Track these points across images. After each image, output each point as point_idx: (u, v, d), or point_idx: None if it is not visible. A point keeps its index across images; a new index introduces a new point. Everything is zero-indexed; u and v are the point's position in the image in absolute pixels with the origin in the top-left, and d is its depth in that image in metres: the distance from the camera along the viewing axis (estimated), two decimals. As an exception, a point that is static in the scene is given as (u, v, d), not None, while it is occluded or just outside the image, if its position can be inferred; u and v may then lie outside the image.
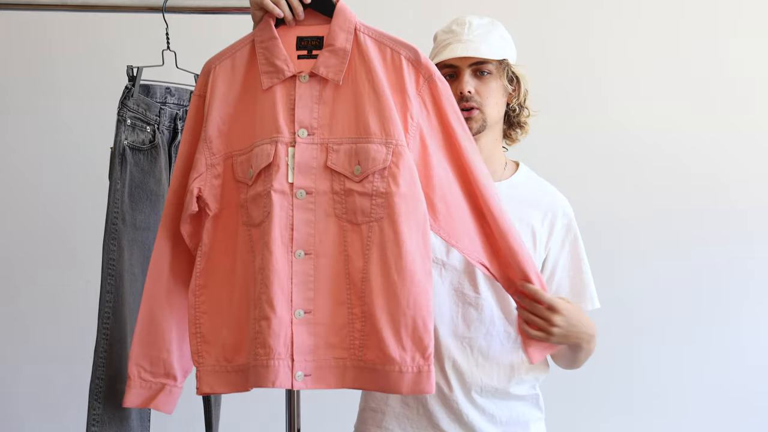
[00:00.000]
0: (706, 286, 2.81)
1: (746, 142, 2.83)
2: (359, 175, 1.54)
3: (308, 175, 1.55)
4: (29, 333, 2.72)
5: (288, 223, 1.54)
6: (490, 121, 1.76)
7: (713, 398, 2.83)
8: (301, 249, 1.54)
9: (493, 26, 1.79)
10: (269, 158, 1.54)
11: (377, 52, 1.58)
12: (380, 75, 1.56)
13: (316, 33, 1.59)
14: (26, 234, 2.74)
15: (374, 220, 1.53)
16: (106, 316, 1.77)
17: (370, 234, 1.54)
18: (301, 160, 1.55)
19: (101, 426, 1.76)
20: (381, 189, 1.53)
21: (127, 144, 1.83)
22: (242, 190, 1.59)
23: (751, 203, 2.83)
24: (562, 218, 1.81)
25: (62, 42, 2.72)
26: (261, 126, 1.58)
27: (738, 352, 2.83)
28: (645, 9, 2.83)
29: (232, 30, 2.67)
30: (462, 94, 1.73)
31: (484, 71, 1.75)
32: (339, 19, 1.58)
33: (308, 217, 1.55)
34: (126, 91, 1.84)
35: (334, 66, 1.57)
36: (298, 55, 1.59)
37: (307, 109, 1.57)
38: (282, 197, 1.54)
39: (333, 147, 1.56)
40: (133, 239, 1.85)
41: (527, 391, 1.81)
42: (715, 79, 2.82)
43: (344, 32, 1.57)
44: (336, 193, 1.55)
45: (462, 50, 1.72)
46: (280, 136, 1.55)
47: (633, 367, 2.81)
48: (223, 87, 1.60)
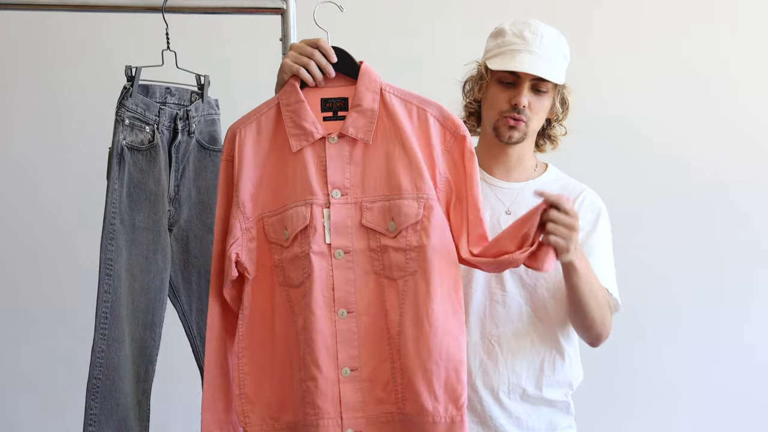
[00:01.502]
0: (708, 284, 2.82)
1: (748, 141, 2.84)
2: (393, 231, 1.58)
3: (345, 235, 1.59)
4: (29, 333, 2.72)
5: (329, 283, 1.58)
6: (530, 134, 1.80)
7: (717, 397, 2.84)
8: (343, 308, 1.59)
9: (560, 43, 1.79)
10: (306, 221, 1.58)
11: (404, 110, 1.61)
12: (408, 132, 1.60)
13: (340, 94, 1.63)
14: (26, 234, 2.74)
15: (409, 274, 1.57)
16: (103, 315, 1.77)
17: (405, 288, 1.58)
18: (336, 221, 1.59)
19: (98, 426, 1.76)
20: (414, 243, 1.57)
21: (125, 144, 1.83)
22: (276, 251, 1.62)
23: (755, 202, 2.84)
24: (585, 208, 1.81)
25: (62, 42, 2.72)
26: (293, 188, 1.61)
27: (742, 350, 2.84)
28: (645, 9, 2.84)
29: (232, 30, 2.69)
30: (516, 106, 1.74)
31: (541, 89, 1.76)
32: (365, 80, 1.61)
33: (348, 276, 1.59)
34: (124, 91, 1.84)
35: (363, 126, 1.60)
36: (324, 117, 1.62)
37: (339, 169, 1.60)
38: (321, 258, 1.58)
39: (367, 205, 1.60)
40: (132, 239, 1.84)
41: (558, 397, 1.80)
42: (716, 78, 2.83)
43: (371, 92, 1.61)
44: (373, 251, 1.60)
45: (531, 66, 1.72)
46: (315, 197, 1.59)
47: (634, 366, 2.81)
48: (251, 150, 1.63)
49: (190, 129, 1.95)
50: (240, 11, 1.95)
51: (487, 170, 1.84)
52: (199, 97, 1.98)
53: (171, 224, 1.95)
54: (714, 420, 2.84)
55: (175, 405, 2.67)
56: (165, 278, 1.91)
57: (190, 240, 1.99)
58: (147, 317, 1.88)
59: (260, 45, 2.29)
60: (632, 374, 2.81)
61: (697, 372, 2.84)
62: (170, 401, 2.65)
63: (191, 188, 1.99)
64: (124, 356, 1.82)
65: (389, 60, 2.33)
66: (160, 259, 1.89)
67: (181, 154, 1.95)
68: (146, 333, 1.89)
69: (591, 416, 2.24)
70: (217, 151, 2.02)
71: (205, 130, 2.01)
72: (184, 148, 1.95)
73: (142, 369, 1.89)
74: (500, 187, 1.83)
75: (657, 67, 2.82)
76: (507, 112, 1.77)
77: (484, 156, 1.84)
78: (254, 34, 2.40)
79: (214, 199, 2.01)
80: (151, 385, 1.91)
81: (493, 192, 1.82)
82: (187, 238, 1.98)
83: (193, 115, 1.96)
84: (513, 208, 1.81)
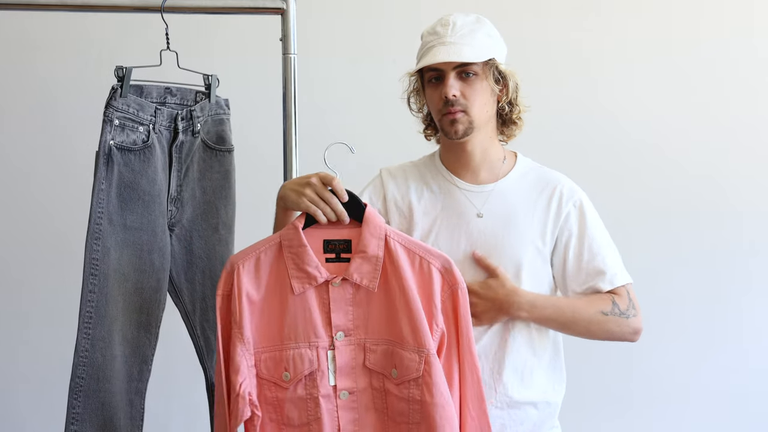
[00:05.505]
0: (704, 287, 2.83)
1: (741, 140, 2.85)
2: (396, 378, 1.60)
3: (349, 376, 1.61)
4: (29, 333, 2.73)
5: (334, 424, 1.60)
6: (477, 122, 1.75)
7: (713, 399, 2.84)
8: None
9: (479, 24, 1.75)
10: (313, 365, 1.60)
11: (407, 258, 1.61)
12: (410, 282, 1.60)
13: (343, 236, 1.63)
14: (27, 234, 2.75)
15: (413, 423, 1.58)
16: (87, 315, 1.77)
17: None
18: (341, 363, 1.60)
19: (81, 424, 1.77)
20: (416, 397, 1.57)
21: (114, 144, 1.83)
22: (269, 388, 1.62)
23: (749, 203, 2.84)
24: (566, 201, 1.79)
25: (61, 42, 2.72)
26: (293, 328, 1.61)
27: (738, 352, 2.84)
28: (639, 9, 2.84)
29: (232, 30, 2.69)
30: (447, 98, 1.72)
31: (469, 73, 1.72)
32: (370, 226, 1.61)
33: (353, 416, 1.61)
34: (112, 91, 1.83)
35: (368, 273, 1.60)
36: (326, 258, 1.62)
37: (342, 312, 1.61)
38: (327, 401, 1.60)
39: (370, 347, 1.61)
40: (123, 239, 1.84)
41: (541, 398, 1.78)
42: (710, 80, 2.84)
43: (375, 239, 1.60)
44: (375, 389, 1.62)
45: (444, 54, 1.70)
46: (319, 340, 1.60)
47: (631, 368, 2.81)
48: (249, 286, 1.62)
49: (194, 129, 1.95)
50: (240, 11, 1.95)
51: (455, 174, 1.82)
52: (206, 96, 1.98)
53: (173, 224, 1.95)
54: (708, 418, 2.85)
55: (174, 405, 2.67)
56: (162, 278, 1.91)
57: (193, 240, 1.99)
58: (141, 317, 1.88)
59: (260, 45, 2.29)
60: (627, 376, 2.81)
61: (695, 373, 2.85)
62: (170, 401, 2.65)
63: (195, 188, 1.98)
64: (111, 356, 1.82)
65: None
66: (157, 259, 1.89)
67: (184, 154, 1.95)
68: (140, 333, 1.88)
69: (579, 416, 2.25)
70: (224, 151, 2.02)
71: (213, 130, 2.00)
72: (187, 148, 1.95)
73: (136, 369, 1.89)
74: (469, 190, 1.80)
75: (651, 67, 2.82)
76: (443, 108, 1.74)
77: (449, 160, 1.83)
78: (254, 34, 2.40)
79: (220, 199, 2.02)
80: (146, 385, 1.91)
81: (463, 194, 1.80)
82: (190, 239, 1.98)
83: (197, 115, 1.95)
84: (484, 210, 1.78)
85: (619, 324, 1.75)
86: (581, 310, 1.74)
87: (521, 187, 1.80)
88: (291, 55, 1.92)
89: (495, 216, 1.77)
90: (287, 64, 1.92)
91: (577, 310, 1.74)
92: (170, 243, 1.94)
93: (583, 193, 1.82)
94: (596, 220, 1.80)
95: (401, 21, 2.79)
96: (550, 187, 1.80)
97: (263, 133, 2.28)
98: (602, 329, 1.75)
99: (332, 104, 2.77)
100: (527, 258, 1.76)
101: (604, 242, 1.79)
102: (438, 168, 1.84)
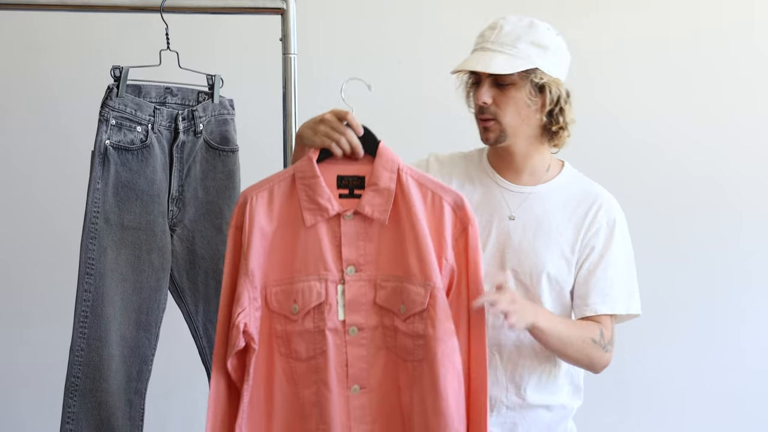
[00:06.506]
0: (703, 287, 2.83)
1: (740, 140, 2.85)
2: (403, 314, 1.59)
3: (359, 312, 1.60)
4: (29, 333, 2.73)
5: (342, 359, 1.59)
6: (509, 131, 1.73)
7: (711, 399, 2.84)
8: (357, 384, 1.60)
9: (528, 30, 1.71)
10: (321, 297, 1.59)
11: (419, 193, 1.61)
12: (420, 217, 1.59)
13: (358, 172, 1.62)
14: (27, 234, 2.75)
15: (416, 360, 1.58)
16: (83, 314, 1.78)
17: (414, 374, 1.59)
18: (351, 298, 1.60)
19: (76, 423, 1.78)
20: (420, 331, 1.57)
21: (111, 144, 1.83)
22: (279, 321, 1.61)
23: (749, 203, 2.84)
24: (601, 217, 1.76)
25: (62, 42, 2.72)
26: (303, 261, 1.60)
27: (736, 353, 2.85)
28: (638, 8, 2.84)
29: (232, 30, 2.69)
30: (479, 105, 1.71)
31: (504, 82, 1.70)
32: (383, 160, 1.60)
33: (361, 352, 1.60)
34: (108, 91, 1.84)
35: (379, 206, 1.60)
36: (339, 194, 1.61)
37: (353, 246, 1.60)
38: (335, 335, 1.59)
39: (381, 284, 1.60)
40: (121, 239, 1.84)
41: (556, 402, 1.78)
42: (709, 79, 2.84)
43: (388, 172, 1.60)
44: (386, 328, 1.61)
45: (474, 62, 1.69)
46: (329, 273, 1.59)
47: (630, 369, 2.81)
48: (262, 219, 1.61)
49: (196, 129, 1.95)
50: (240, 11, 1.95)
51: (498, 171, 1.81)
52: (209, 97, 1.98)
53: (174, 224, 1.95)
54: (707, 419, 2.85)
55: (175, 405, 2.67)
56: (162, 278, 1.91)
57: (196, 240, 1.98)
58: (140, 317, 1.88)
59: (260, 45, 2.29)
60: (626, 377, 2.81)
61: (695, 374, 2.85)
62: (170, 401, 2.66)
63: (198, 188, 1.98)
64: (108, 356, 1.82)
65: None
66: (156, 259, 1.89)
67: (185, 155, 1.95)
68: (139, 333, 1.89)
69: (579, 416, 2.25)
70: (227, 151, 2.02)
71: (216, 130, 2.00)
72: (189, 148, 1.95)
73: (135, 369, 1.89)
74: (509, 189, 1.79)
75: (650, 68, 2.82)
76: (478, 113, 1.73)
77: (494, 158, 1.82)
78: (254, 34, 2.40)
79: (224, 200, 2.01)
80: (146, 385, 1.92)
81: (501, 194, 1.79)
82: (193, 239, 1.98)
83: (199, 115, 1.95)
84: (517, 214, 1.77)
85: (599, 356, 1.73)
86: (577, 332, 1.71)
87: (561, 195, 1.78)
88: (291, 55, 1.92)
89: (527, 220, 1.76)
90: (287, 64, 1.92)
91: (574, 330, 1.71)
92: (171, 243, 1.94)
93: (621, 214, 1.79)
94: (623, 246, 1.78)
95: (401, 21, 2.79)
96: (590, 200, 1.78)
97: (263, 134, 2.28)
98: (585, 354, 1.71)
99: (332, 104, 2.76)
100: (552, 266, 1.74)
101: (623, 269, 1.77)
102: (483, 163, 1.84)
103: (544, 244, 1.74)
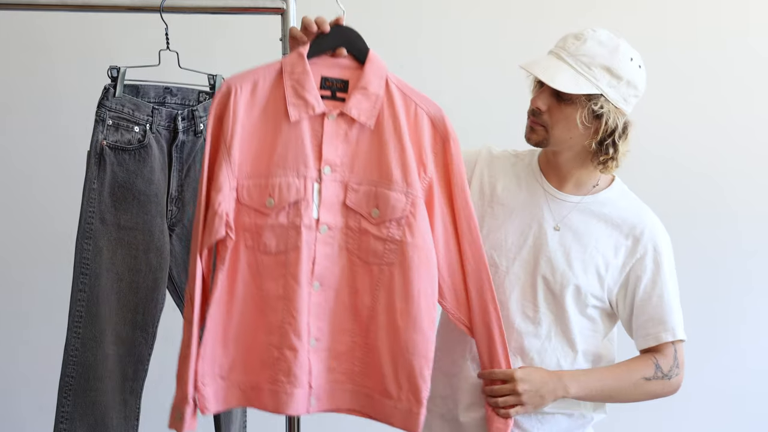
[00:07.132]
0: (702, 287, 2.82)
1: (738, 140, 2.85)
2: (376, 218, 1.61)
3: (330, 211, 1.61)
4: (29, 333, 2.73)
5: (311, 256, 1.60)
6: (555, 143, 1.70)
7: (711, 399, 2.84)
8: (318, 281, 1.62)
9: (609, 54, 1.65)
10: (299, 194, 1.59)
11: (402, 104, 1.63)
12: (403, 126, 1.61)
13: (341, 76, 1.63)
14: (27, 234, 2.75)
15: (385, 264, 1.61)
16: (77, 314, 1.78)
17: (381, 276, 1.62)
18: (326, 197, 1.61)
19: (70, 423, 1.77)
20: (396, 237, 1.60)
21: (107, 144, 1.83)
22: (249, 215, 1.60)
23: (746, 203, 2.84)
24: (646, 241, 1.74)
25: (62, 42, 2.72)
26: (283, 157, 1.60)
27: (736, 353, 2.85)
28: (634, 7, 2.83)
29: (232, 30, 2.69)
30: (533, 107, 1.70)
31: (564, 97, 1.66)
32: (373, 66, 1.62)
33: (327, 251, 1.62)
34: (104, 91, 1.84)
35: (366, 110, 1.61)
36: (322, 95, 1.61)
37: (333, 146, 1.61)
38: (308, 231, 1.60)
39: (352, 186, 1.62)
40: (117, 239, 1.84)
41: (574, 409, 1.77)
42: (706, 78, 2.84)
43: (377, 78, 1.62)
44: (350, 229, 1.63)
45: (538, 67, 1.67)
46: (308, 171, 1.60)
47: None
48: (245, 109, 1.61)
49: (197, 129, 1.95)
50: (240, 11, 1.94)
51: (545, 175, 1.79)
52: (209, 96, 1.97)
53: (173, 224, 1.95)
54: (706, 419, 2.85)
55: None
56: (160, 278, 1.91)
57: (196, 241, 1.98)
58: (137, 317, 1.88)
59: (260, 45, 2.29)
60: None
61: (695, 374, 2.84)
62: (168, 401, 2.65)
63: (198, 188, 1.98)
64: (103, 355, 1.83)
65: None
66: (154, 259, 1.89)
67: (185, 155, 1.95)
68: (136, 332, 1.89)
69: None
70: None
71: (217, 131, 2.00)
72: (189, 148, 1.95)
73: (131, 368, 1.89)
74: (553, 196, 1.76)
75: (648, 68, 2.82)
76: (530, 113, 1.72)
77: (543, 161, 1.81)
78: (254, 34, 2.40)
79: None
80: (142, 384, 1.92)
81: (546, 199, 1.77)
82: (192, 239, 1.98)
83: (200, 115, 1.95)
84: (562, 224, 1.75)
85: (663, 386, 1.72)
86: (624, 377, 1.71)
87: (604, 211, 1.75)
88: (291, 55, 1.92)
89: (566, 230, 1.74)
90: (287, 64, 1.91)
91: (620, 377, 1.71)
92: (170, 243, 1.94)
93: (666, 237, 1.77)
94: (671, 269, 1.76)
95: (401, 21, 2.78)
96: (634, 220, 1.75)
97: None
98: (644, 393, 1.72)
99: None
100: (583, 280, 1.72)
101: (674, 293, 1.75)
102: (533, 164, 1.82)
103: (579, 257, 1.72)
